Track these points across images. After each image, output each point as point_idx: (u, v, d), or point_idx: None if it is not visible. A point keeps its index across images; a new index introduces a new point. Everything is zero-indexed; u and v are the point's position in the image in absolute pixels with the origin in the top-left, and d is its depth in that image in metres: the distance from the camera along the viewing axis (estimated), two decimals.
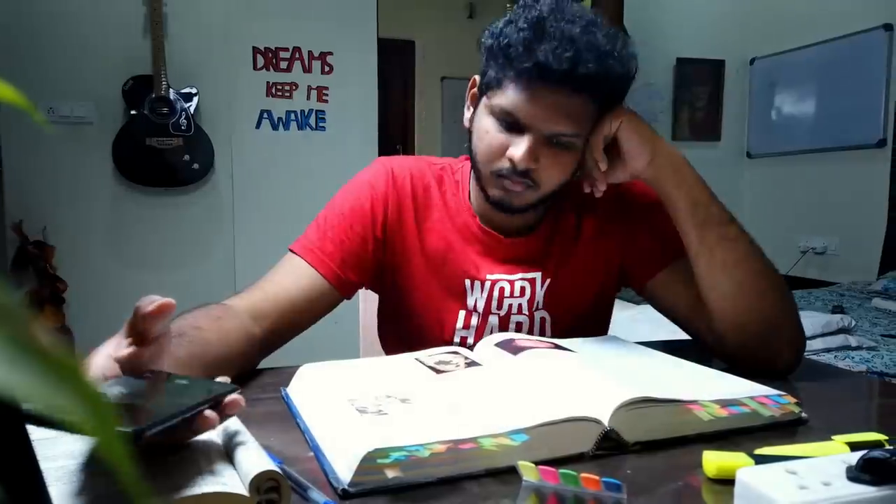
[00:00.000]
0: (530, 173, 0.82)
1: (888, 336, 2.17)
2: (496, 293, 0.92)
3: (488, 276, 0.92)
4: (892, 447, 0.44)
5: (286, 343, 0.87)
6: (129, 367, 0.49)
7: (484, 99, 0.85)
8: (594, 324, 0.99)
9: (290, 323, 0.85)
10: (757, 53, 4.15)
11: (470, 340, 0.92)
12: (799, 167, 3.91)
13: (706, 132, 4.23)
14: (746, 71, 4.23)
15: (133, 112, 2.75)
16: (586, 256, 0.95)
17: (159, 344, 0.50)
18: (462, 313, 0.92)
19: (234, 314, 0.79)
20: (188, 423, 0.44)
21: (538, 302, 0.93)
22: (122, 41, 2.79)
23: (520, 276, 0.92)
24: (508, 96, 0.80)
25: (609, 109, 0.84)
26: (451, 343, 0.91)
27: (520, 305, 0.92)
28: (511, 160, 0.81)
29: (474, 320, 0.92)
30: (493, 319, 0.92)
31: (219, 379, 0.51)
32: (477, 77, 0.89)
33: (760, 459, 0.49)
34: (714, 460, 0.50)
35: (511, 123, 0.81)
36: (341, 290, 0.90)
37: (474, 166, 0.88)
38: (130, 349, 0.49)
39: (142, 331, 0.49)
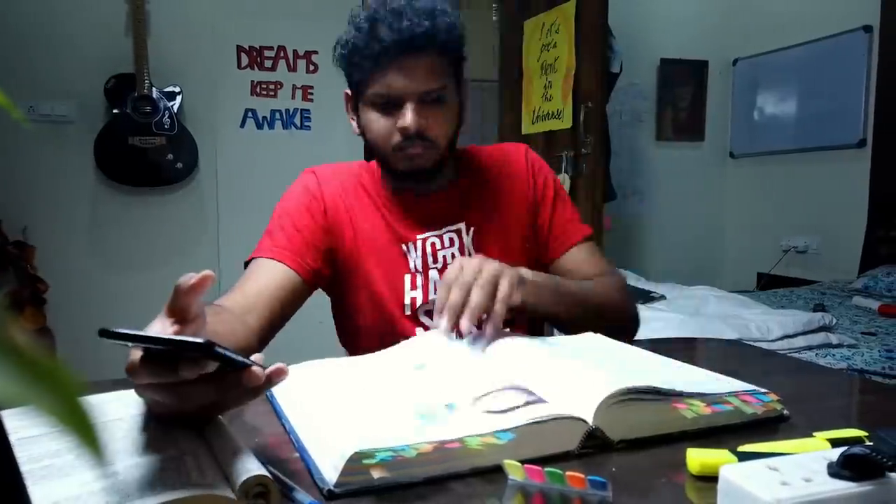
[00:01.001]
0: (423, 134, 0.93)
1: (868, 333, 2.20)
2: (429, 249, 1.02)
3: (418, 236, 1.02)
4: (871, 443, 0.45)
5: (277, 332, 0.94)
6: None
7: (360, 100, 0.96)
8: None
9: (277, 314, 0.93)
10: (739, 54, 4.19)
11: (419, 301, 1.00)
12: (781, 167, 3.95)
13: (690, 132, 4.26)
14: (729, 71, 4.27)
15: (115, 111, 2.73)
16: (505, 211, 1.06)
17: (197, 324, 0.52)
18: (408, 276, 1.01)
19: (228, 310, 0.86)
20: (237, 379, 0.46)
21: (469, 250, 1.03)
22: (104, 39, 2.76)
23: (445, 229, 1.03)
24: (375, 82, 0.92)
25: (457, 60, 0.97)
26: (404, 307, 1.00)
27: (453, 255, 1.02)
28: (403, 129, 0.92)
29: (419, 280, 1.01)
30: (434, 274, 1.01)
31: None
32: (347, 91, 1.02)
33: (743, 456, 0.49)
34: (697, 457, 0.50)
35: (387, 103, 0.93)
36: (306, 276, 0.98)
37: (377, 155, 0.99)
38: (175, 327, 0.49)
39: (184, 307, 0.50)
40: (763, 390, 0.63)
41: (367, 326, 1.03)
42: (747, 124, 4.18)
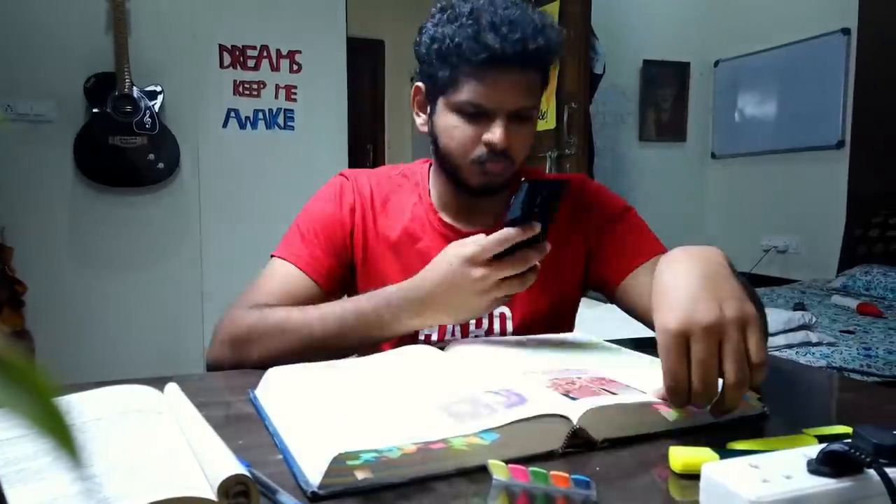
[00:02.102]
0: (508, 151, 0.88)
1: (847, 332, 2.24)
2: None
3: None
4: (850, 440, 0.45)
5: None
6: None
7: (441, 99, 0.90)
8: (555, 323, 1.00)
9: None
10: (720, 56, 4.23)
11: (434, 337, 0.94)
12: (761, 167, 4.00)
13: (672, 133, 4.30)
14: (710, 73, 4.31)
15: (95, 110, 2.69)
16: (553, 259, 0.94)
17: None
18: None
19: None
20: None
21: (503, 311, 0.96)
22: (84, 38, 2.72)
23: None
24: (471, 89, 0.86)
25: (547, 76, 0.92)
26: (416, 340, 0.92)
27: None
28: (489, 144, 0.87)
29: (457, 329, 0.94)
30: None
31: None
32: (420, 84, 0.95)
33: (725, 454, 0.50)
34: (679, 455, 0.51)
35: (476, 113, 0.87)
36: (331, 293, 0.94)
37: (448, 163, 0.92)
38: None
39: None
40: None
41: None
42: (728, 125, 4.23)
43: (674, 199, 4.25)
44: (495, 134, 0.86)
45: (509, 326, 0.97)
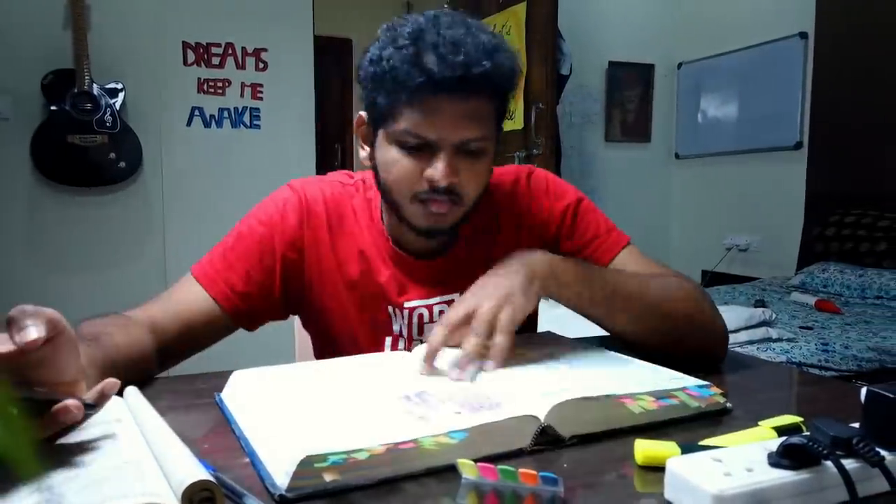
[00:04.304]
0: (454, 188, 0.79)
1: (805, 328, 2.30)
2: (416, 320, 0.91)
3: (406, 304, 0.90)
4: (808, 433, 0.47)
5: (184, 360, 0.86)
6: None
7: (381, 130, 0.82)
8: (521, 329, 0.97)
9: (187, 343, 0.85)
10: (683, 58, 4.31)
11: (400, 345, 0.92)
12: (723, 168, 4.09)
13: (637, 134, 4.37)
14: (674, 75, 4.39)
15: (53, 108, 2.62)
16: (500, 254, 0.92)
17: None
18: (389, 339, 0.91)
19: (136, 324, 0.78)
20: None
21: None
22: (41, 32, 2.64)
23: (437, 299, 0.91)
24: (408, 118, 0.77)
25: (503, 106, 0.83)
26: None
27: None
28: (431, 181, 0.78)
29: (401, 344, 0.91)
30: (418, 345, 0.90)
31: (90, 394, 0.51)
32: (363, 113, 0.86)
33: (686, 448, 0.51)
34: (643, 449, 0.52)
35: (417, 145, 0.79)
36: (241, 323, 0.88)
37: (389, 200, 0.85)
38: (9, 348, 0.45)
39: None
40: (707, 384, 0.65)
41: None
42: (691, 126, 4.31)
43: (639, 199, 4.32)
44: (437, 169, 0.77)
45: None
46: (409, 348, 0.90)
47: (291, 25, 3.07)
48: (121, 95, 2.72)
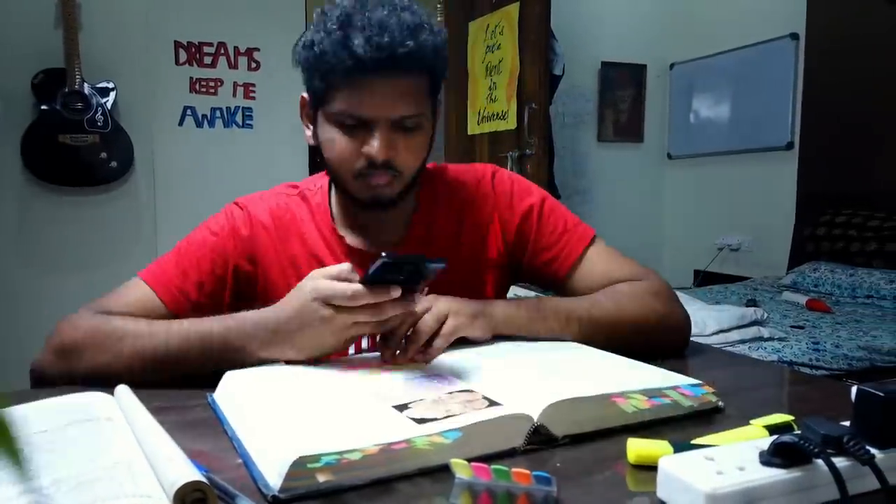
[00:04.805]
0: (392, 163, 0.83)
1: (796, 327, 2.31)
2: None
3: None
4: (800, 432, 0.47)
5: None
6: None
7: (320, 111, 0.85)
8: None
9: None
10: (676, 59, 4.33)
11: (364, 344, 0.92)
12: (715, 168, 4.11)
13: (630, 134, 4.38)
14: (666, 75, 4.41)
15: (44, 107, 2.60)
16: (469, 262, 0.96)
17: None
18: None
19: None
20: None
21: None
22: (32, 31, 2.63)
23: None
24: (343, 99, 0.81)
25: (437, 83, 0.86)
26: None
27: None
28: (369, 156, 0.82)
29: (364, 343, 0.91)
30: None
31: None
32: (304, 95, 0.89)
33: (679, 447, 0.51)
34: (635, 448, 0.52)
35: (354, 124, 0.82)
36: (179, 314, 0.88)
37: (335, 177, 0.89)
38: None
39: None
40: (699, 382, 0.65)
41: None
42: (684, 126, 4.32)
43: (632, 199, 4.33)
44: (372, 146, 0.81)
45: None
46: (372, 346, 0.90)
47: (284, 25, 3.07)
48: (112, 95, 2.71)
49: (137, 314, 0.83)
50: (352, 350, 0.91)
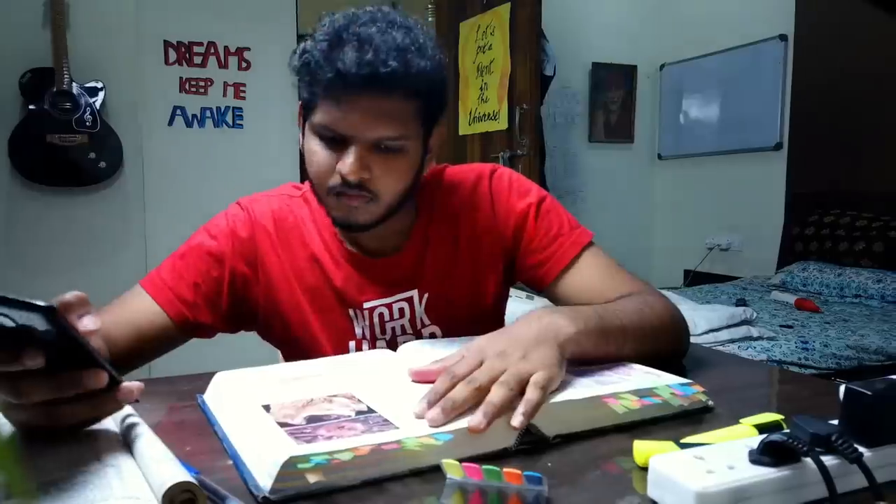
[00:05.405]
0: (366, 185, 0.80)
1: (785, 326, 2.33)
2: (377, 319, 0.91)
3: (365, 305, 0.91)
4: (789, 430, 0.47)
5: (133, 370, 0.85)
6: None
7: (307, 121, 0.83)
8: (481, 321, 0.96)
9: (137, 353, 0.85)
10: (666, 60, 4.35)
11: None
12: (705, 168, 4.13)
13: (620, 135, 4.40)
14: (656, 76, 4.43)
15: (31, 107, 2.58)
16: (468, 265, 0.95)
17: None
18: (353, 343, 0.92)
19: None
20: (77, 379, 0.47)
21: (421, 319, 0.93)
22: (19, 30, 2.61)
23: (396, 297, 0.92)
24: (324, 112, 0.79)
25: (430, 106, 0.82)
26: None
27: (402, 327, 0.92)
28: (341, 174, 0.79)
29: (365, 346, 0.92)
30: (382, 345, 0.92)
31: None
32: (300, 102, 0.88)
33: (685, 447, 0.51)
34: (643, 449, 0.52)
35: (333, 139, 0.80)
36: (188, 334, 0.89)
37: (313, 190, 0.86)
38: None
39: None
40: (689, 382, 0.66)
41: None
42: (674, 127, 4.35)
43: (622, 199, 4.35)
44: (346, 163, 0.78)
45: (425, 332, 0.93)
46: (372, 346, 0.90)
47: (274, 24, 3.06)
48: (101, 94, 2.69)
49: (140, 324, 0.84)
50: (352, 350, 0.92)
